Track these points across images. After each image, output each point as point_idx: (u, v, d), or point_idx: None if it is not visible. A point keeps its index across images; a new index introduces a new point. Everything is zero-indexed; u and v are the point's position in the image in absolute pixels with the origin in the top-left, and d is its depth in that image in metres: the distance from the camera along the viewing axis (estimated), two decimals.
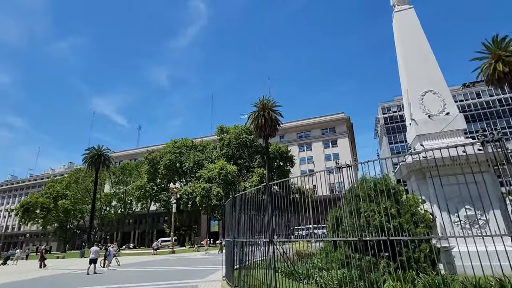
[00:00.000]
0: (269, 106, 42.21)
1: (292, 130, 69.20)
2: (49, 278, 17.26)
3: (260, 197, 7.62)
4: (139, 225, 74.24)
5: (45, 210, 62.80)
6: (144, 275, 15.85)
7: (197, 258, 25.76)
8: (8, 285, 14.92)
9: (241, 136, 49.43)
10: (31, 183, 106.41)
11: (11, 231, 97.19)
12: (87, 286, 12.95)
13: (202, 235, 64.56)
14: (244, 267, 8.30)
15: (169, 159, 50.68)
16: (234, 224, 9.25)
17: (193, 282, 11.98)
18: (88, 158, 58.53)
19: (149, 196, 54.74)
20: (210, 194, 44.45)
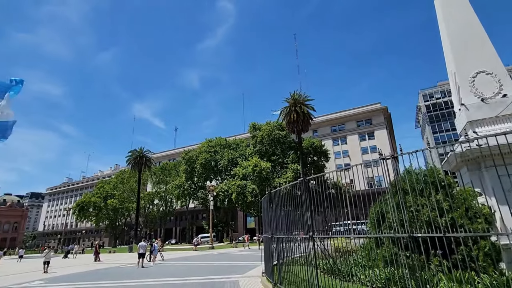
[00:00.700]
0: (300, 101, 41.44)
1: (326, 124, 67.34)
2: (103, 270, 18.84)
3: (296, 193, 7.49)
4: (179, 222, 77.90)
5: (97, 209, 68.73)
6: (187, 270, 16.56)
7: (236, 254, 26.31)
8: (71, 276, 16.57)
9: (273, 132, 49.28)
10: (84, 185, 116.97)
11: (69, 228, 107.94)
12: (138, 279, 13.87)
13: (239, 231, 65.86)
14: (283, 263, 8.25)
15: (205, 158, 52.28)
16: (271, 220, 9.23)
17: (233, 278, 12.23)
18: (131, 160, 62.70)
19: (187, 194, 57.07)
20: (245, 191, 45.04)
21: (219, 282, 11.27)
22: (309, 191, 6.05)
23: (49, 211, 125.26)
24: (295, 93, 42.40)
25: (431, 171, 5.83)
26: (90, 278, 15.20)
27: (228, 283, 10.92)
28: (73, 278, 15.68)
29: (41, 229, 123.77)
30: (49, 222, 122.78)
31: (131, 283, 12.60)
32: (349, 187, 21.47)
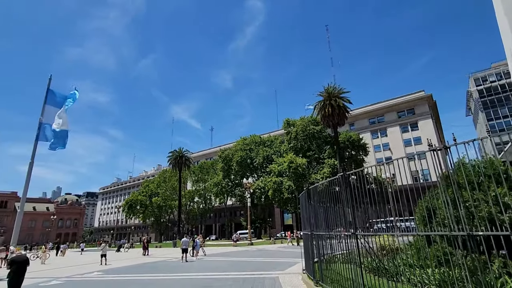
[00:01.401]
0: (335, 94, 40.08)
1: (363, 116, 64.32)
2: (151, 264, 20.17)
3: (335, 189, 7.26)
4: (219, 219, 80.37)
5: (143, 206, 73.73)
6: (229, 265, 17.02)
7: (275, 250, 26.40)
8: (124, 269, 18.01)
9: (308, 127, 48.38)
10: (131, 184, 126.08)
11: (120, 224, 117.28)
12: (183, 272, 14.61)
13: (277, 228, 65.98)
14: (324, 260, 8.08)
15: (240, 156, 53.14)
16: (310, 217, 9.08)
17: (274, 274, 12.29)
18: (171, 160, 66.17)
19: (225, 192, 58.60)
20: (282, 188, 44.91)
21: (259, 278, 11.41)
22: (350, 187, 5.82)
23: (102, 208, 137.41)
24: (329, 86, 41.13)
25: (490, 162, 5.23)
26: (140, 271, 16.36)
27: (269, 279, 10.99)
28: (125, 270, 17.01)
29: (97, 225, 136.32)
30: (103, 218, 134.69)
31: (177, 277, 13.30)
32: (391, 182, 20.21)
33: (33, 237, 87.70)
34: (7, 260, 13.82)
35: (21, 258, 8.70)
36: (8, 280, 8.32)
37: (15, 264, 8.48)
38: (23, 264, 8.62)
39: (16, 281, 8.36)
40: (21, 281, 8.53)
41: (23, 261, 8.67)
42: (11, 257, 8.80)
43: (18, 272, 8.44)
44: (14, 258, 8.71)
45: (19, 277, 8.44)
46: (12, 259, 8.67)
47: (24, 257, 8.86)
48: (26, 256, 9.07)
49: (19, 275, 8.43)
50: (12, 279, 8.32)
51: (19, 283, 8.44)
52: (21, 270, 8.52)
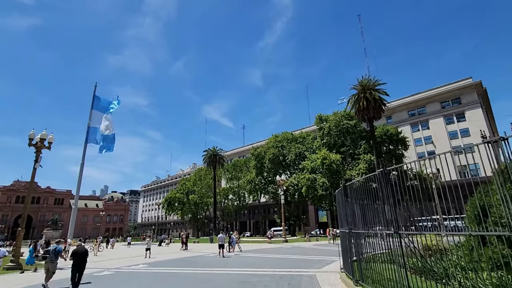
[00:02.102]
0: (370, 86, 38.26)
1: (402, 108, 60.58)
2: (190, 258, 21.08)
3: (374, 185, 6.96)
4: (253, 216, 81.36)
5: (181, 203, 77.19)
6: (265, 261, 17.18)
7: (310, 248, 26.08)
8: (166, 262, 19.06)
9: (341, 122, 46.84)
10: (169, 182, 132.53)
11: (160, 220, 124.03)
12: (220, 267, 15.07)
13: (311, 225, 65.06)
14: (363, 259, 7.81)
15: (273, 153, 53.12)
16: (347, 215, 8.82)
17: (311, 272, 12.16)
18: (206, 158, 68.42)
19: (258, 189, 59.07)
20: (316, 185, 44.12)
21: (296, 275, 11.37)
22: (390, 183, 5.55)
23: (144, 205, 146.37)
24: (364, 78, 39.37)
25: None
26: (180, 265, 17.19)
27: (306, 277, 10.91)
28: (167, 264, 17.98)
29: (140, 221, 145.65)
30: (145, 215, 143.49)
31: (215, 271, 13.76)
32: (434, 178, 18.84)
33: (86, 231, 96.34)
34: (66, 251, 15.30)
35: (81, 250, 9.75)
36: (72, 269, 9.37)
37: (77, 255, 9.51)
38: (83, 255, 9.65)
39: (78, 270, 9.40)
40: (82, 270, 9.59)
41: (83, 253, 9.71)
42: (74, 249, 9.88)
43: (80, 262, 9.46)
44: (76, 250, 9.77)
45: (81, 267, 9.48)
46: (74, 251, 9.73)
47: (84, 249, 9.91)
48: (85, 248, 10.11)
49: (80, 265, 9.46)
50: (75, 268, 9.36)
51: (81, 272, 9.48)
52: (82, 260, 9.56)
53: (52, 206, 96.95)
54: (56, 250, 11.00)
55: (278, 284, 9.82)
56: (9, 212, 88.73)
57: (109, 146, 21.93)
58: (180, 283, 11.11)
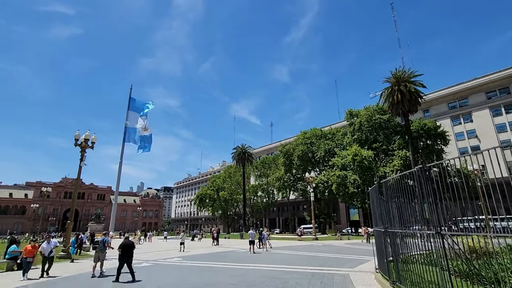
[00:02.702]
0: (405, 78, 36.22)
1: (441, 100, 56.59)
2: (222, 253, 21.63)
3: (410, 182, 6.64)
4: (282, 213, 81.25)
5: (211, 200, 79.30)
6: (296, 259, 17.14)
7: (342, 246, 25.50)
8: (199, 256, 19.75)
9: (373, 117, 44.92)
10: (200, 179, 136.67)
11: (192, 216, 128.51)
12: (251, 263, 15.31)
13: (342, 223, 63.44)
14: (400, 260, 7.48)
15: (301, 150, 52.46)
16: (383, 213, 8.50)
17: (343, 270, 11.91)
18: (235, 155, 69.51)
19: (287, 186, 58.74)
20: (346, 182, 42.89)
21: (328, 274, 11.20)
22: (431, 181, 5.25)
23: (177, 201, 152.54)
24: (397, 70, 37.35)
25: None
26: (213, 259, 17.73)
27: (338, 276, 10.71)
28: (200, 258, 18.64)
29: (173, 216, 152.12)
30: (177, 210, 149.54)
31: (246, 267, 14.00)
32: (480, 175, 17.56)
33: (125, 225, 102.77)
34: (109, 242, 16.36)
35: (129, 243, 10.56)
36: (119, 260, 10.18)
37: (124, 247, 10.30)
38: (130, 247, 10.43)
39: (125, 261, 10.19)
40: (130, 262, 10.36)
41: (130, 245, 10.50)
42: (121, 242, 10.73)
43: (127, 254, 10.23)
44: (123, 242, 10.60)
45: (128, 258, 10.26)
46: (122, 243, 10.55)
47: (130, 242, 10.71)
48: (132, 241, 10.90)
49: (127, 257, 10.24)
50: (122, 260, 10.15)
51: (128, 263, 10.26)
52: (129, 252, 10.33)
53: (95, 201, 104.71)
54: (104, 241, 12.60)
55: (310, 282, 9.76)
56: (59, 206, 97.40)
57: (144, 146, 23.14)
58: (214, 276, 11.48)
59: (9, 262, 14.57)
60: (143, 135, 23.11)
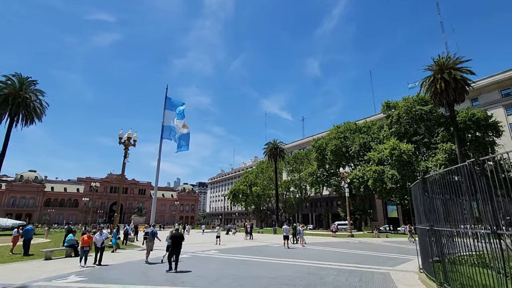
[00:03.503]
0: (449, 65, 33.35)
1: (492, 87, 51.34)
2: (256, 247, 21.97)
3: (456, 178, 6.17)
4: (315, 208, 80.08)
5: (244, 195, 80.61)
6: (331, 255, 16.86)
7: (379, 244, 24.51)
8: (234, 249, 20.28)
9: (413, 109, 42.13)
10: (232, 175, 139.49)
11: (226, 211, 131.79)
12: (286, 258, 15.37)
13: (379, 220, 60.84)
14: (449, 261, 7.02)
15: (335, 144, 51.00)
16: (426, 210, 8.02)
17: (383, 269, 11.48)
18: (267, 151, 69.73)
19: (320, 182, 57.62)
20: (384, 177, 40.94)
21: (367, 272, 10.87)
22: (485, 176, 4.84)
23: (211, 196, 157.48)
24: (441, 57, 34.49)
25: None
26: (248, 253, 18.09)
27: (378, 275, 10.35)
28: (236, 251, 19.12)
29: (208, 211, 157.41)
30: (212, 205, 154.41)
31: (281, 261, 14.09)
32: None
33: (164, 218, 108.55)
34: (149, 233, 17.40)
35: (178, 235, 11.22)
36: (169, 251, 10.84)
37: (174, 239, 10.95)
38: (179, 239, 11.06)
39: (175, 252, 10.82)
40: (178, 253, 10.98)
41: (179, 237, 11.14)
42: (171, 234, 11.40)
43: (176, 245, 10.85)
44: (173, 234, 11.26)
45: (177, 249, 10.88)
46: (171, 235, 11.23)
47: (179, 234, 11.36)
48: (181, 233, 11.53)
49: (176, 248, 10.86)
50: (172, 250, 10.80)
51: (177, 254, 10.88)
52: (178, 243, 10.95)
53: (137, 195, 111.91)
54: (152, 232, 13.91)
55: (348, 279, 9.57)
56: (106, 200, 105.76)
57: (182, 144, 24.21)
58: (250, 269, 11.75)
59: (68, 249, 16.23)
60: (182, 134, 24.23)
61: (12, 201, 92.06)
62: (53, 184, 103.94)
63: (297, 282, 9.08)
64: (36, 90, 39.83)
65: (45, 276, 10.28)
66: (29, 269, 11.86)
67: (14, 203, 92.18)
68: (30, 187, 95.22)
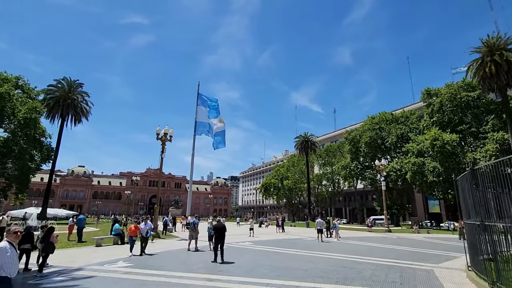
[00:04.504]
0: (500, 46, 30.14)
1: None
2: (290, 240, 22.05)
3: (509, 170, 5.63)
4: (348, 202, 77.93)
5: (276, 189, 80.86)
6: (367, 250, 16.40)
7: (420, 240, 23.26)
8: (267, 242, 20.54)
9: (458, 95, 38.80)
10: (263, 169, 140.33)
11: (258, 204, 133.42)
12: (321, 251, 15.26)
13: (419, 215, 57.58)
14: (502, 259, 6.49)
15: (369, 136, 48.86)
16: (476, 204, 7.44)
17: (426, 266, 10.92)
18: (298, 144, 69.05)
19: (354, 175, 55.79)
20: (424, 170, 38.48)
21: (407, 268, 10.42)
22: None
23: (243, 190, 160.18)
24: (490, 37, 31.29)
25: None
26: (281, 245, 18.23)
27: (420, 271, 9.87)
28: (269, 243, 19.36)
29: (240, 204, 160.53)
30: (244, 198, 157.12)
31: (316, 254, 14.01)
32: None
33: (199, 210, 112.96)
34: (191, 223, 18.27)
35: (221, 226, 11.60)
36: (214, 241, 11.22)
37: (217, 230, 11.36)
38: (222, 230, 11.42)
39: (219, 242, 11.20)
40: (223, 243, 11.32)
41: (222, 228, 11.50)
42: (214, 225, 11.82)
43: (219, 236, 11.24)
44: (216, 225, 11.69)
45: (221, 240, 11.24)
46: (215, 226, 11.65)
47: (222, 225, 11.71)
48: (224, 224, 11.85)
49: (220, 238, 11.23)
50: (217, 241, 11.21)
51: (221, 244, 11.25)
52: (221, 234, 11.31)
53: (173, 189, 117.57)
54: (194, 223, 15.04)
55: (387, 274, 9.26)
56: (145, 193, 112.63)
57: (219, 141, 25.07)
58: (285, 261, 11.86)
59: (115, 238, 17.65)
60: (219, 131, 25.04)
61: (66, 194, 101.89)
62: (99, 178, 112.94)
63: (333, 275, 8.99)
64: (82, 92, 43.33)
65: (97, 261, 11.32)
66: (83, 254, 13.13)
67: (67, 195, 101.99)
68: (80, 181, 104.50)
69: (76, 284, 7.39)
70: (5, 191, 32.98)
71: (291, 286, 7.58)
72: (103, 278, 8.43)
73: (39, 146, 33.94)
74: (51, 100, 39.63)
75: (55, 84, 41.77)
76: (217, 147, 25.28)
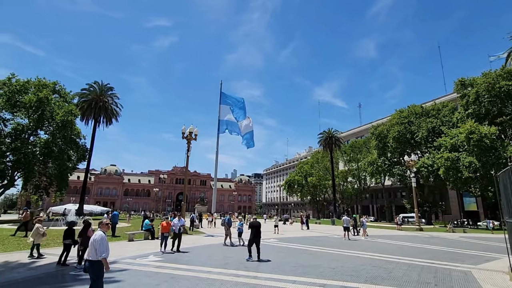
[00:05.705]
0: None
1: None
2: (315, 238, 21.77)
3: None
4: (376, 200, 75.38)
5: (300, 186, 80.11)
6: (398, 249, 15.79)
7: (455, 240, 21.97)
8: (292, 239, 20.45)
9: (496, 85, 35.90)
10: (287, 166, 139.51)
11: (282, 201, 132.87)
12: (348, 249, 14.93)
13: (453, 213, 54.39)
14: None
15: (398, 130, 46.74)
16: None
17: (463, 267, 10.31)
18: (322, 141, 67.82)
19: (381, 171, 53.75)
20: (459, 165, 36.16)
21: (442, 269, 9.90)
22: None
23: (267, 187, 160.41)
24: None
25: None
26: (306, 242, 18.05)
27: (457, 272, 9.33)
28: (295, 240, 19.27)
29: (264, 201, 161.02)
30: (268, 195, 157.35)
31: (342, 252, 13.72)
32: None
33: (223, 207, 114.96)
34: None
35: (256, 224, 11.73)
36: (250, 238, 11.34)
37: (253, 227, 11.50)
38: (258, 227, 11.53)
39: (255, 240, 11.31)
40: (259, 241, 11.40)
41: (258, 226, 11.60)
42: (250, 222, 11.93)
43: (255, 233, 11.35)
44: (252, 223, 11.81)
45: (257, 238, 11.35)
46: (251, 224, 11.79)
47: (258, 222, 11.80)
48: (259, 222, 11.91)
49: (256, 236, 11.35)
50: (252, 239, 11.32)
51: (258, 242, 11.34)
52: (257, 231, 11.41)
53: (198, 186, 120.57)
54: (226, 219, 16.88)
55: (420, 274, 8.85)
56: (172, 190, 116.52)
57: (249, 141, 25.51)
58: (311, 258, 11.73)
59: (145, 233, 18.45)
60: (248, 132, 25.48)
61: (100, 191, 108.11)
62: (129, 176, 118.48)
63: (363, 274, 8.76)
64: (112, 95, 45.57)
65: (130, 255, 11.90)
66: (117, 248, 13.86)
67: (101, 193, 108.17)
68: (112, 179, 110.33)
69: (111, 277, 7.82)
70: (47, 189, 35.60)
71: (318, 284, 7.49)
72: (136, 271, 8.85)
73: (75, 147, 36.21)
74: (84, 103, 42.10)
75: (88, 88, 44.30)
76: (249, 146, 25.86)
